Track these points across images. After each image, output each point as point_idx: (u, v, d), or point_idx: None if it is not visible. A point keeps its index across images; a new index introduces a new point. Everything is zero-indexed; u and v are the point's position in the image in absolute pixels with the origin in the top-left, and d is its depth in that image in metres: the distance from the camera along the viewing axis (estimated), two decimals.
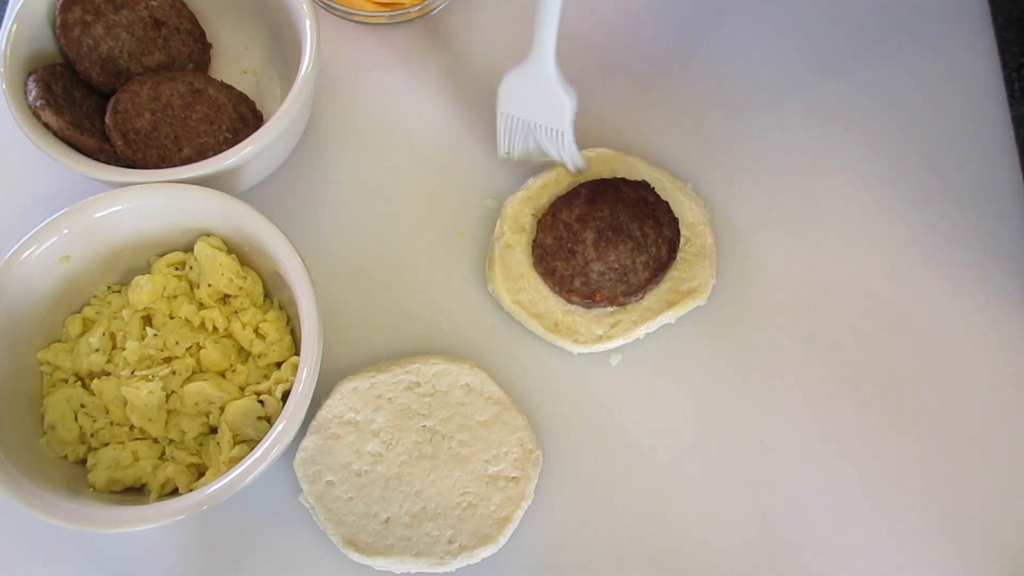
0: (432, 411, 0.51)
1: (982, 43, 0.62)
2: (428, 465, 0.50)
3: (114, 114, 0.53)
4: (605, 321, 0.53)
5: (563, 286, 0.53)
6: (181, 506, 0.44)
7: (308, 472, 0.49)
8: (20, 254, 0.48)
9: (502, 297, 0.54)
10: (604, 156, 0.57)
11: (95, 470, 0.48)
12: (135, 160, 0.53)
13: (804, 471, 0.51)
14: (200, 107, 0.55)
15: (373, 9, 0.60)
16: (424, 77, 0.62)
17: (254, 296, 0.52)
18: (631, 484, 0.51)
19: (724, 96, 0.61)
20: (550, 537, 0.50)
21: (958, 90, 0.60)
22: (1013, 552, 0.50)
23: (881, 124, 0.60)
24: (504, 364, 0.54)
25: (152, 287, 0.51)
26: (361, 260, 0.57)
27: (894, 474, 0.51)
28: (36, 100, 0.51)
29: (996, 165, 0.58)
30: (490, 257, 0.55)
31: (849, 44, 0.62)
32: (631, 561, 0.50)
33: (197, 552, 0.50)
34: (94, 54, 0.54)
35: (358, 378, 0.51)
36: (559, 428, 0.52)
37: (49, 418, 0.49)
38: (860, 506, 0.51)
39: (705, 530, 0.50)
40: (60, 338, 0.51)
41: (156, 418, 0.48)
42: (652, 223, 0.54)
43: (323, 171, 0.59)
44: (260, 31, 0.60)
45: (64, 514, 0.44)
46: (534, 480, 0.50)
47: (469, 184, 0.59)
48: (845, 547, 0.50)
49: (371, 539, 0.48)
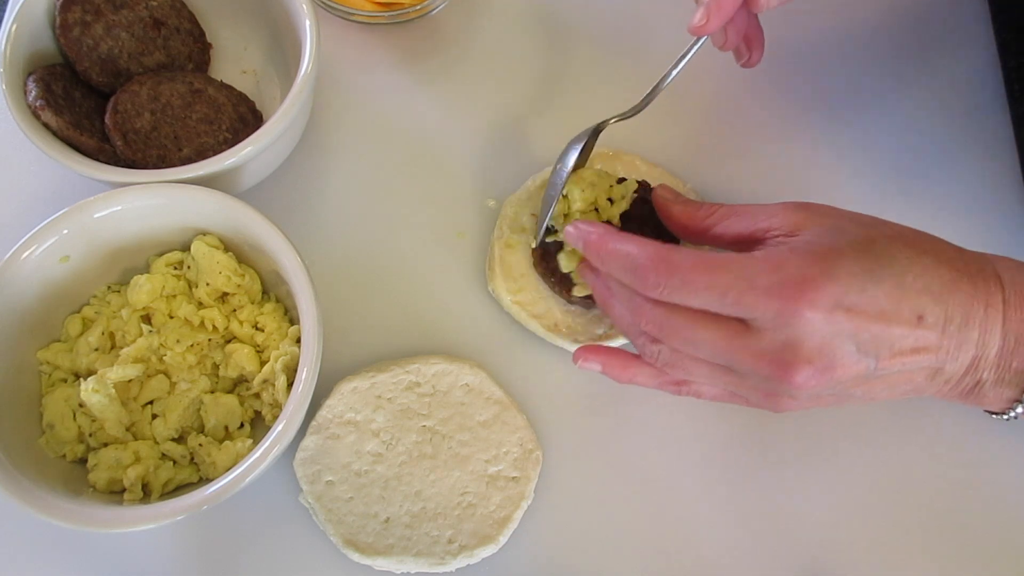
0: (432, 411, 0.51)
1: (982, 43, 0.62)
2: (428, 465, 0.50)
3: (114, 114, 0.53)
4: (605, 321, 0.53)
5: (563, 286, 0.53)
6: (181, 506, 0.44)
7: (308, 472, 0.49)
8: (20, 254, 0.48)
9: (502, 297, 0.54)
10: (604, 156, 0.57)
11: (96, 470, 0.48)
12: (135, 160, 0.53)
13: (804, 470, 0.51)
14: (200, 107, 0.55)
15: (373, 9, 0.60)
16: (424, 77, 0.62)
17: (252, 294, 0.52)
18: (631, 484, 0.51)
19: (724, 96, 0.61)
20: (550, 537, 0.50)
21: (958, 89, 0.60)
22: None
23: (881, 124, 0.60)
24: (504, 364, 0.54)
25: (151, 287, 0.51)
26: (361, 260, 0.57)
27: (896, 474, 0.51)
28: (36, 100, 0.51)
29: (996, 165, 0.58)
30: (490, 257, 0.55)
31: (849, 44, 0.62)
32: (631, 561, 0.50)
33: (197, 552, 0.50)
34: (94, 54, 0.54)
35: (358, 378, 0.51)
36: (559, 428, 0.52)
37: (48, 417, 0.49)
38: (861, 506, 0.51)
39: (705, 530, 0.50)
40: (59, 338, 0.51)
41: (112, 418, 0.48)
42: (652, 223, 0.53)
43: (323, 171, 0.59)
44: (260, 31, 0.60)
45: (64, 514, 0.44)
46: (534, 480, 0.50)
47: (469, 184, 0.59)
48: (845, 545, 0.50)
49: (371, 539, 0.48)
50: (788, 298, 0.38)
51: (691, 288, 0.40)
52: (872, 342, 0.39)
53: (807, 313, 0.38)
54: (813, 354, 0.39)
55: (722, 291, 0.39)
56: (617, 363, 0.46)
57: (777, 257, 0.40)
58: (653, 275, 0.41)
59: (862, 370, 0.39)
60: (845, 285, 0.38)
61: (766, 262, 0.40)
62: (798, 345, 0.39)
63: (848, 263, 0.39)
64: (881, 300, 0.39)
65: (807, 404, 0.42)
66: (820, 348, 0.39)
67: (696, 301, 0.40)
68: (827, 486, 0.51)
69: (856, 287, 0.38)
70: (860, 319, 0.38)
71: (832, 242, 0.40)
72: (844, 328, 0.38)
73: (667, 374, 0.45)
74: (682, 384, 0.45)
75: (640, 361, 0.46)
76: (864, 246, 0.40)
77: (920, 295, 0.39)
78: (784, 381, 0.39)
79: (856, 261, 0.39)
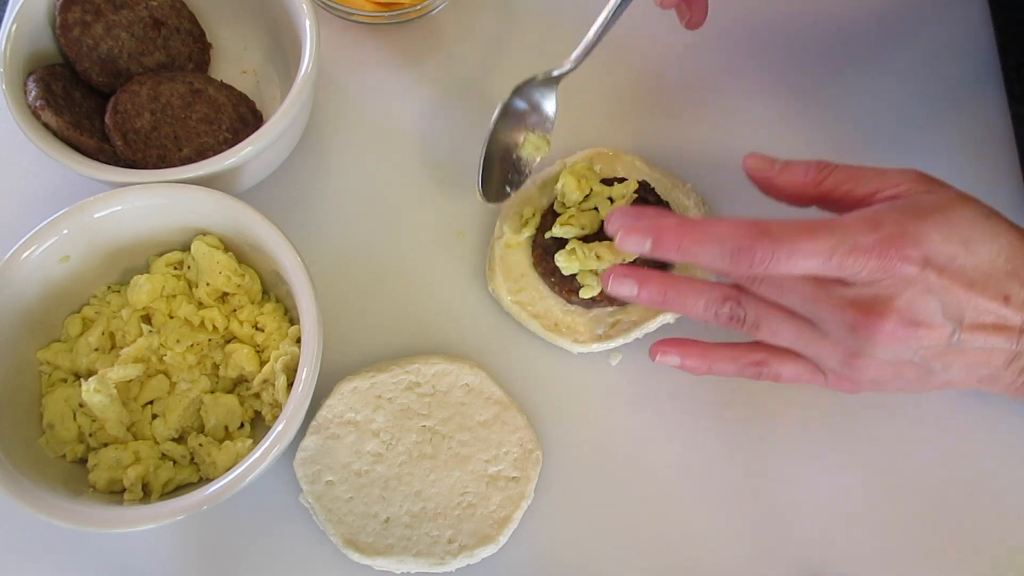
0: (432, 411, 0.51)
1: (982, 43, 0.62)
2: (428, 465, 0.50)
3: (114, 114, 0.53)
4: (605, 321, 0.53)
5: (563, 286, 0.53)
6: (181, 506, 0.44)
7: (308, 472, 0.49)
8: (20, 254, 0.48)
9: (502, 297, 0.54)
10: (604, 156, 0.57)
11: (96, 470, 0.48)
12: (135, 160, 0.53)
13: (804, 470, 0.51)
14: (200, 107, 0.55)
15: (373, 9, 0.60)
16: (424, 77, 0.62)
17: (252, 294, 0.52)
18: (631, 484, 0.51)
19: (724, 96, 0.61)
20: (550, 537, 0.50)
21: (958, 90, 0.60)
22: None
23: (881, 124, 0.60)
24: (504, 364, 0.54)
25: (151, 287, 0.51)
26: (361, 260, 0.57)
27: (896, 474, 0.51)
28: (36, 100, 0.51)
29: (996, 165, 0.58)
30: (490, 257, 0.55)
31: (849, 45, 0.62)
32: (631, 561, 0.50)
33: (197, 552, 0.50)
34: (94, 54, 0.54)
35: (358, 378, 0.51)
36: (559, 428, 0.52)
37: (48, 417, 0.49)
38: (862, 506, 0.51)
39: (705, 530, 0.50)
40: (59, 338, 0.51)
41: (113, 418, 0.48)
42: None
43: (323, 171, 0.59)
44: (260, 31, 0.60)
45: (64, 514, 0.44)
46: (534, 480, 0.50)
47: (469, 184, 0.58)
48: (845, 545, 0.50)
49: (371, 539, 0.48)
50: (883, 253, 0.38)
51: (799, 256, 0.39)
52: (957, 306, 0.39)
53: (899, 265, 0.38)
54: (901, 305, 0.39)
55: (827, 256, 0.39)
56: (695, 352, 0.46)
57: (876, 215, 0.40)
58: (760, 251, 0.39)
59: (945, 335, 0.40)
60: (940, 245, 0.39)
61: (865, 221, 0.40)
62: (887, 297, 0.39)
63: (945, 228, 0.39)
64: (971, 271, 0.39)
65: (888, 374, 0.42)
66: (909, 302, 0.39)
67: (800, 269, 0.40)
68: (827, 486, 0.51)
69: (949, 252, 0.39)
70: (950, 280, 0.39)
71: (933, 204, 0.40)
72: (934, 285, 0.39)
73: (745, 357, 0.45)
74: (762, 364, 0.45)
75: (717, 348, 0.46)
76: (966, 219, 0.40)
77: (1009, 277, 0.40)
78: (869, 329, 0.40)
79: (954, 229, 0.39)
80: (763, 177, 0.46)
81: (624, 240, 0.43)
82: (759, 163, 0.46)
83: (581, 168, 0.54)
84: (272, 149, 0.53)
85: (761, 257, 0.40)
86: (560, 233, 0.52)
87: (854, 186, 0.43)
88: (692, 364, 0.46)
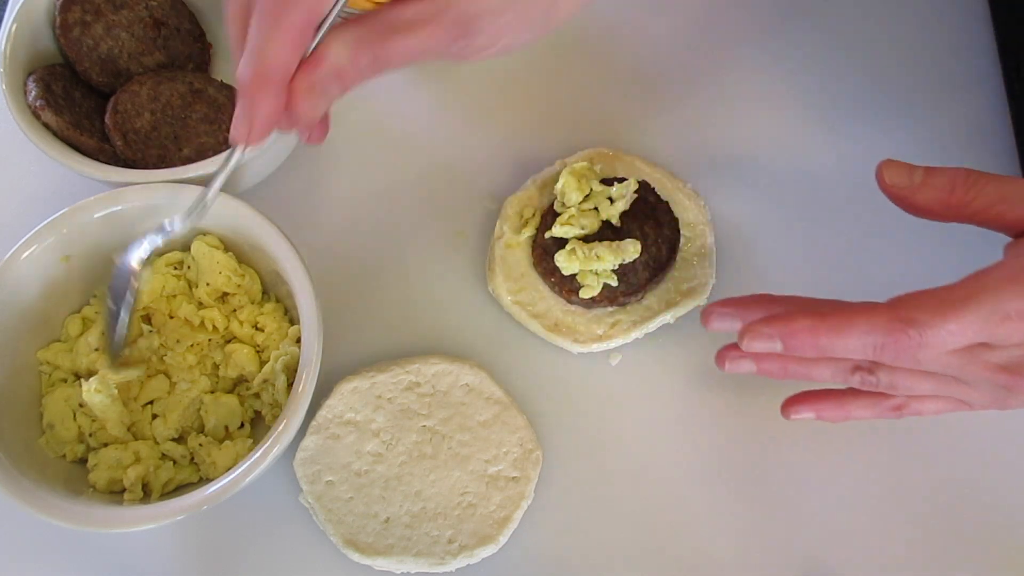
0: (432, 411, 0.51)
1: (982, 43, 0.62)
2: (428, 465, 0.50)
3: (114, 114, 0.53)
4: (605, 321, 0.53)
5: (563, 286, 0.53)
6: (181, 506, 0.44)
7: (308, 472, 0.49)
8: (20, 254, 0.48)
9: (502, 297, 0.54)
10: (604, 156, 0.57)
11: (96, 470, 0.48)
12: (135, 160, 0.53)
13: (804, 469, 0.51)
14: (200, 107, 0.55)
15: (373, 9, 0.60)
16: (424, 77, 0.62)
17: (252, 294, 0.52)
18: (631, 484, 0.51)
19: (724, 96, 0.61)
20: (550, 537, 0.50)
21: (958, 90, 0.60)
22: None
23: (881, 124, 0.60)
24: (504, 364, 0.54)
25: (151, 287, 0.51)
26: (361, 260, 0.57)
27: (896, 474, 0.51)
28: (36, 100, 0.51)
29: (996, 165, 0.58)
30: (490, 257, 0.55)
31: (849, 45, 0.62)
32: (631, 561, 0.50)
33: (197, 552, 0.50)
34: (94, 54, 0.54)
35: (358, 378, 0.51)
36: (559, 428, 0.52)
37: (48, 417, 0.49)
38: (863, 506, 0.51)
39: (705, 530, 0.50)
40: (59, 338, 0.51)
41: (114, 418, 0.48)
42: (652, 223, 0.53)
43: (323, 171, 0.59)
44: None
45: (64, 514, 0.44)
46: (534, 480, 0.50)
47: (469, 184, 0.59)
48: (845, 545, 0.50)
49: (371, 539, 0.48)
50: None
51: (948, 336, 0.37)
52: None
53: None
54: None
55: (977, 332, 0.37)
56: (830, 405, 0.45)
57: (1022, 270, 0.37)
58: (906, 342, 0.37)
59: None
60: None
61: (1015, 282, 0.37)
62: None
63: None
64: None
65: None
66: None
67: (949, 348, 0.37)
68: (827, 486, 0.51)
69: None
70: None
71: None
72: None
73: (883, 403, 0.44)
74: (902, 407, 0.44)
75: (853, 396, 0.44)
76: None
77: None
78: (1021, 392, 0.39)
79: None
80: (901, 196, 0.41)
81: (751, 346, 0.40)
82: (897, 176, 0.41)
83: (581, 168, 0.54)
84: (272, 149, 0.53)
85: (907, 347, 0.37)
86: (560, 233, 0.53)
87: (1006, 209, 0.40)
88: (828, 416, 0.45)
